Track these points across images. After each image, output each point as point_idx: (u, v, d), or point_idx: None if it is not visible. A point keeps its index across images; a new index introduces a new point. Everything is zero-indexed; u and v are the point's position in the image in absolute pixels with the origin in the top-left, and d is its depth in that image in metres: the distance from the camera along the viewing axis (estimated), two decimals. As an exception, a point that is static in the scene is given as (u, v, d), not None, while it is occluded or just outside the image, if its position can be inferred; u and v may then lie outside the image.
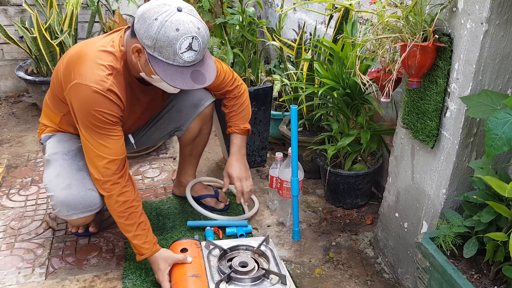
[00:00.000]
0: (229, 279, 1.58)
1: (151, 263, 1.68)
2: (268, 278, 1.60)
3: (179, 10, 1.43)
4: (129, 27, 1.59)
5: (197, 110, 1.96)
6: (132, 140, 1.91)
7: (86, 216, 1.71)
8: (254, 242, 1.77)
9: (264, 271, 1.61)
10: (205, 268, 1.62)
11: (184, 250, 1.68)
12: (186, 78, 1.48)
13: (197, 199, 2.11)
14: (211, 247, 1.73)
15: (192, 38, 1.43)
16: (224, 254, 1.70)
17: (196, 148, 2.11)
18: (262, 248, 1.74)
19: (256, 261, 1.68)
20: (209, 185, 2.25)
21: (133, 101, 1.69)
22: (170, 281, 1.64)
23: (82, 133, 1.58)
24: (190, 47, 1.44)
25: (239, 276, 1.58)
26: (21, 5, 3.39)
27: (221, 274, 1.59)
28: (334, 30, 2.23)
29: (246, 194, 1.90)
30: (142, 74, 1.58)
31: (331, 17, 2.43)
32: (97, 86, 1.50)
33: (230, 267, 1.62)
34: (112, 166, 1.58)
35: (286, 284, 1.57)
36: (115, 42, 1.58)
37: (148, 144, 2.08)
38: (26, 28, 3.09)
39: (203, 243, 1.75)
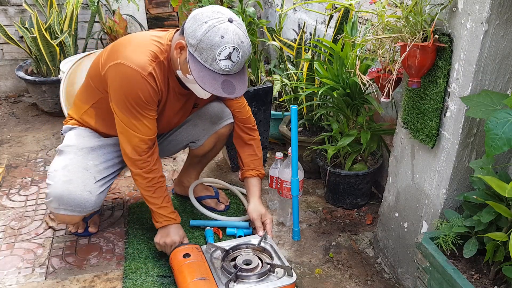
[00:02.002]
0: (236, 278, 1.59)
1: (171, 230, 1.78)
2: (273, 272, 1.63)
3: (230, 21, 1.49)
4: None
5: (214, 127, 1.97)
6: None
7: (73, 215, 1.71)
8: (253, 240, 1.79)
9: (269, 266, 1.62)
10: (211, 270, 1.63)
11: (186, 256, 1.69)
12: (216, 84, 1.52)
13: (198, 200, 2.12)
14: (212, 249, 1.74)
15: (234, 48, 1.48)
16: (227, 255, 1.71)
17: (205, 159, 2.14)
18: (263, 244, 1.75)
19: (259, 258, 1.70)
20: (210, 186, 2.25)
21: (168, 96, 1.73)
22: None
23: (116, 112, 1.65)
24: (229, 57, 1.49)
25: (245, 274, 1.61)
26: (21, 5, 3.39)
27: (228, 274, 1.60)
28: (334, 30, 2.23)
29: (270, 225, 1.91)
30: (179, 72, 1.62)
31: (331, 17, 2.43)
32: (139, 69, 1.56)
33: (235, 266, 1.64)
34: (143, 144, 1.67)
35: (293, 276, 1.59)
36: (165, 36, 1.65)
37: (162, 156, 2.10)
38: (26, 28, 3.09)
39: (204, 247, 1.75)
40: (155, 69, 1.60)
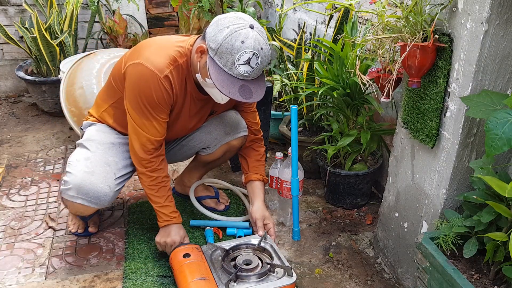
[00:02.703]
0: (236, 278, 1.60)
1: (172, 229, 1.79)
2: (273, 272, 1.63)
3: (251, 27, 1.52)
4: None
5: (226, 138, 1.98)
6: None
7: (88, 206, 1.72)
8: (253, 240, 1.79)
9: (269, 266, 1.63)
10: (211, 270, 1.63)
11: (186, 256, 1.69)
12: (234, 88, 1.55)
13: (198, 200, 2.12)
14: (212, 249, 1.74)
15: (253, 54, 1.51)
16: (227, 255, 1.71)
17: (211, 165, 2.16)
18: (262, 244, 1.75)
19: (259, 258, 1.70)
20: (210, 186, 2.25)
21: (184, 100, 1.75)
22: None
23: (128, 110, 1.69)
24: (248, 62, 1.51)
25: (245, 273, 1.61)
26: (21, 5, 3.39)
27: (228, 274, 1.61)
28: (334, 30, 2.23)
29: (273, 229, 1.92)
30: (198, 76, 1.65)
31: (331, 17, 2.43)
32: (156, 70, 1.60)
33: (235, 266, 1.64)
34: (149, 144, 1.70)
35: (292, 276, 1.59)
36: (187, 41, 1.68)
37: (174, 160, 2.12)
38: (26, 28, 3.09)
39: (204, 247, 1.75)
40: (172, 73, 1.63)
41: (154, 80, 1.60)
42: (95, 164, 1.73)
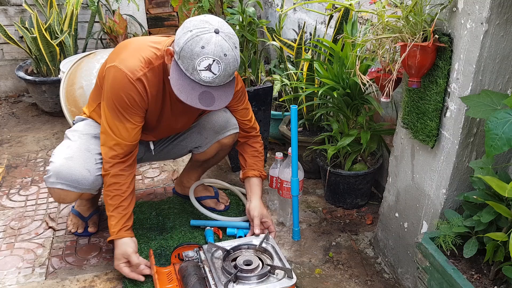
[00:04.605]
0: (236, 279, 1.59)
1: (116, 246, 1.72)
2: (274, 274, 1.63)
3: (216, 32, 1.48)
4: None
5: (217, 136, 1.96)
6: (152, 147, 1.94)
7: (68, 190, 1.70)
8: (255, 240, 1.78)
9: (269, 267, 1.62)
10: (211, 270, 1.63)
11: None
12: (193, 94, 1.52)
13: (198, 200, 2.11)
14: (213, 249, 1.74)
15: (213, 60, 1.47)
16: (228, 255, 1.71)
17: (207, 164, 2.15)
18: (264, 245, 1.75)
19: (259, 259, 1.69)
20: (210, 186, 2.25)
21: (164, 102, 1.73)
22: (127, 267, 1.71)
23: (104, 111, 1.67)
24: (208, 68, 1.48)
25: (245, 274, 1.60)
26: (21, 5, 3.39)
27: (227, 275, 1.60)
28: (334, 30, 2.23)
29: (273, 226, 1.92)
30: (170, 77, 1.61)
31: (331, 17, 2.43)
32: (128, 72, 1.59)
33: (235, 266, 1.64)
34: (118, 149, 1.67)
35: (292, 278, 1.59)
36: (164, 42, 1.66)
37: (166, 158, 2.12)
38: (26, 28, 3.09)
39: (205, 246, 1.75)
40: (147, 75, 1.61)
41: (125, 82, 1.59)
42: (75, 150, 1.72)
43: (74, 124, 1.92)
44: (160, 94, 1.70)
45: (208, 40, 1.46)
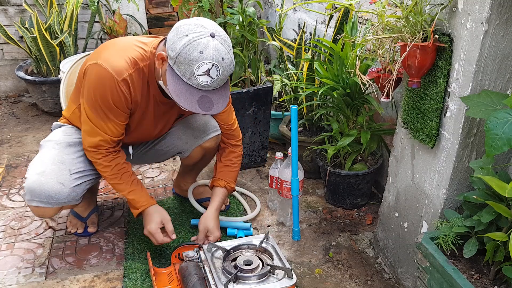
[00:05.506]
0: (236, 279, 1.59)
1: (145, 215, 1.75)
2: (274, 274, 1.63)
3: (212, 36, 1.46)
4: None
5: (197, 141, 1.92)
6: (131, 151, 1.89)
7: (44, 207, 1.68)
8: (255, 240, 1.78)
9: (269, 267, 1.62)
10: (211, 270, 1.63)
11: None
12: (192, 99, 1.50)
13: (198, 202, 2.11)
14: (214, 249, 1.74)
15: (212, 65, 1.45)
16: (228, 255, 1.71)
17: (197, 167, 2.13)
18: (264, 245, 1.75)
19: (260, 259, 1.69)
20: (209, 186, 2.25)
21: (147, 103, 1.71)
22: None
23: (85, 109, 1.64)
24: (207, 73, 1.46)
25: (245, 274, 1.60)
26: (21, 5, 3.39)
27: (228, 275, 1.60)
28: (334, 30, 2.23)
29: (214, 240, 1.84)
30: (160, 82, 1.61)
31: (331, 17, 2.43)
32: (114, 73, 1.56)
33: (235, 266, 1.64)
34: (105, 143, 1.67)
35: (293, 278, 1.59)
36: (151, 43, 1.63)
37: (148, 163, 2.09)
38: (26, 28, 3.09)
39: (205, 246, 1.75)
40: (132, 76, 1.59)
41: (111, 83, 1.56)
42: (47, 164, 1.68)
43: (51, 131, 1.87)
44: (145, 95, 1.67)
45: (205, 45, 1.44)
